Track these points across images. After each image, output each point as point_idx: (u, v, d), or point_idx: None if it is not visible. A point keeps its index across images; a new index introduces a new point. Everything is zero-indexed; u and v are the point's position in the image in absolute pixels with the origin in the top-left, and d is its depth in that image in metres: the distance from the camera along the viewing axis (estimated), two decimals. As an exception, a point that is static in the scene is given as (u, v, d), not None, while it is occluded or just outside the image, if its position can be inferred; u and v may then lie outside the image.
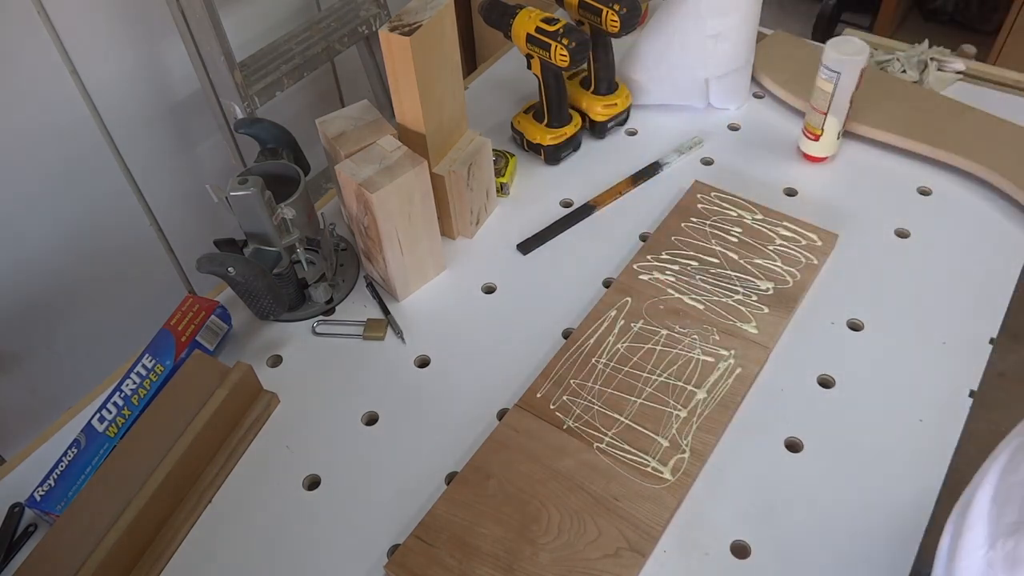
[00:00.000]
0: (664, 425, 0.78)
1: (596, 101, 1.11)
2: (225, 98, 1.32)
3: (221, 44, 1.24)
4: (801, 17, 2.45)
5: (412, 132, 0.91)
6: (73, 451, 0.78)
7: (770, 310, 0.87)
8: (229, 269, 0.83)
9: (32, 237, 1.32)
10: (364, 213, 0.86)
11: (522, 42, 1.01)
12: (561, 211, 1.04)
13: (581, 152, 1.13)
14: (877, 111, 1.07)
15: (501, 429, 0.79)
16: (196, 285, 1.64)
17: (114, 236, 1.44)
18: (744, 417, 0.80)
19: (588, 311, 0.89)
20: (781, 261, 0.92)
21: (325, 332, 0.92)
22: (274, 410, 0.85)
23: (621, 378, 0.82)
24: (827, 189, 1.03)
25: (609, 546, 0.70)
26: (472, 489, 0.75)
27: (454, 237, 1.02)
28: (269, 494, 0.78)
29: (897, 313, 0.88)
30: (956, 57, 1.19)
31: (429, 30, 0.84)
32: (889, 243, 0.96)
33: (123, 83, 1.35)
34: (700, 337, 0.85)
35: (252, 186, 0.82)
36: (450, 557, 0.70)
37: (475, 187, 0.98)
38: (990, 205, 0.99)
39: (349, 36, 1.47)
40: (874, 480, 0.74)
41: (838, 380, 0.83)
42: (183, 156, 1.51)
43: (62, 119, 1.29)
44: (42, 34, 1.21)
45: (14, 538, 0.77)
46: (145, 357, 0.84)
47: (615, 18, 0.99)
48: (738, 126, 1.15)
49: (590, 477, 0.75)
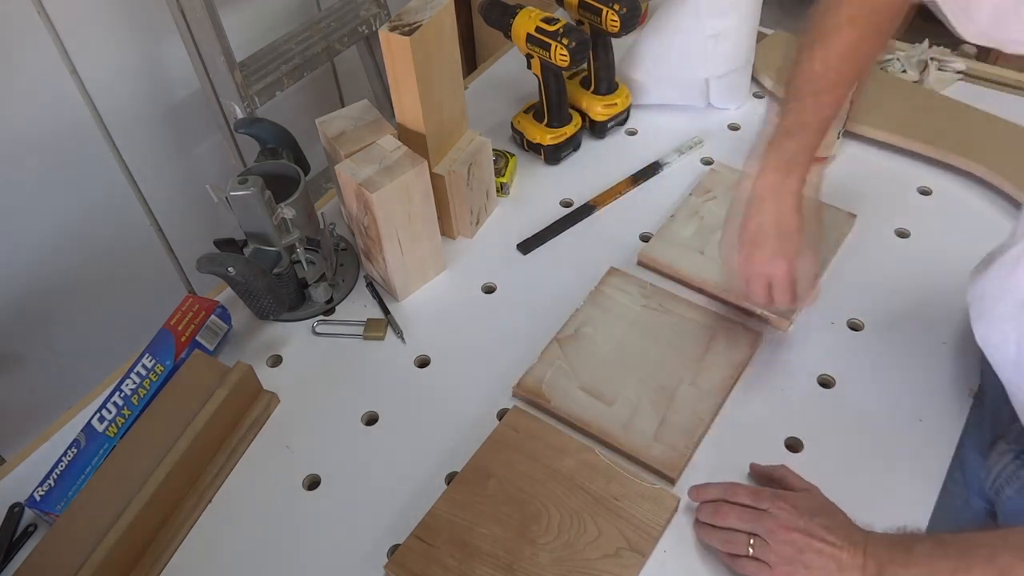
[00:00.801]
0: (664, 424, 0.78)
1: (596, 101, 1.11)
2: (225, 98, 1.32)
3: (221, 44, 1.24)
4: (801, 17, 2.45)
5: (412, 132, 0.91)
6: (73, 451, 0.78)
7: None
8: (229, 269, 0.82)
9: (32, 237, 1.32)
10: (364, 213, 0.86)
11: (522, 42, 1.01)
12: (561, 211, 1.04)
13: (581, 152, 1.13)
14: (877, 111, 1.07)
15: (501, 429, 0.79)
16: (196, 285, 1.64)
17: (114, 236, 1.44)
18: (744, 417, 0.80)
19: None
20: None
21: (325, 332, 0.92)
22: (274, 410, 0.85)
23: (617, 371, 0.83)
24: (827, 189, 1.02)
25: (609, 546, 0.70)
26: (472, 489, 0.75)
27: (454, 237, 1.02)
28: (269, 494, 0.78)
29: (897, 313, 0.88)
30: (956, 57, 1.19)
31: (429, 30, 0.84)
32: (889, 243, 0.96)
33: (123, 83, 1.35)
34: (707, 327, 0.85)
35: (252, 186, 0.82)
36: (450, 557, 0.70)
37: (475, 187, 0.98)
38: (990, 205, 0.99)
39: (349, 36, 1.47)
40: (874, 480, 0.74)
41: (838, 380, 0.83)
42: (183, 156, 1.51)
43: (62, 119, 1.29)
44: (42, 34, 1.21)
45: (14, 538, 0.77)
46: (145, 357, 0.84)
47: (615, 18, 0.99)
48: (738, 126, 1.15)
49: (590, 477, 0.75)
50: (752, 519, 0.66)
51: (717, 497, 0.71)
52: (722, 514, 0.69)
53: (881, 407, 0.80)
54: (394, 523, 0.74)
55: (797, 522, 0.64)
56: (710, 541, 0.70)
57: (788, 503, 0.66)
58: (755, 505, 0.67)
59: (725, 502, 0.69)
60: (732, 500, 0.69)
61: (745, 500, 0.68)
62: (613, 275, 0.93)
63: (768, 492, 0.68)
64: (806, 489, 0.69)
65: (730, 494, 0.70)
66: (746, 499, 0.68)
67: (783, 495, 0.67)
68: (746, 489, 0.70)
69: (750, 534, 0.66)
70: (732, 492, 0.70)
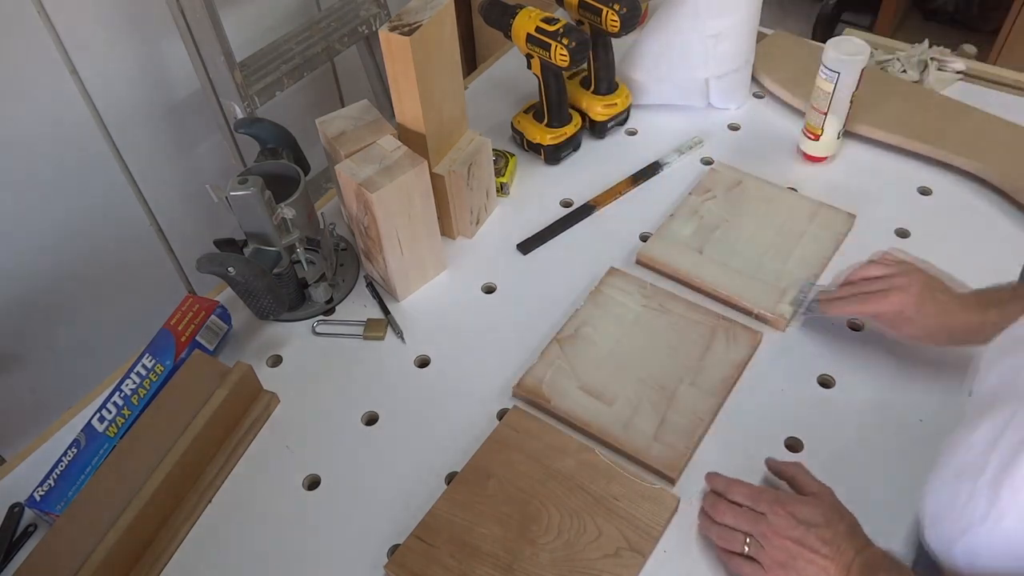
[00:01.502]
0: (664, 424, 0.78)
1: (596, 101, 1.11)
2: (225, 98, 1.32)
3: (221, 44, 1.24)
4: (801, 17, 2.45)
5: (412, 132, 0.91)
6: (73, 451, 0.78)
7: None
8: (229, 269, 0.82)
9: (32, 237, 1.32)
10: (364, 213, 0.86)
11: (522, 42, 1.01)
12: (561, 211, 1.04)
13: (581, 152, 1.13)
14: (877, 111, 1.07)
15: (501, 429, 0.79)
16: (196, 285, 1.64)
17: (114, 236, 1.44)
18: (744, 417, 0.80)
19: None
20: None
21: (325, 332, 0.92)
22: (274, 410, 0.85)
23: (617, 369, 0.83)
24: (827, 189, 1.03)
25: (609, 546, 0.70)
26: (472, 489, 0.75)
27: (454, 237, 1.02)
28: (269, 494, 0.78)
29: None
30: (956, 57, 1.19)
31: (429, 30, 0.84)
32: (889, 243, 0.96)
33: (123, 83, 1.35)
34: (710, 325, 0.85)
35: (252, 186, 0.82)
36: (450, 557, 0.70)
37: (475, 187, 0.98)
38: (990, 205, 0.99)
39: (349, 36, 1.47)
40: (874, 480, 0.74)
41: (838, 380, 0.83)
42: (183, 156, 1.51)
43: (62, 119, 1.29)
44: (42, 34, 1.21)
45: (14, 538, 0.77)
46: (145, 357, 0.84)
47: (615, 18, 0.99)
48: (738, 126, 1.15)
49: (590, 477, 0.75)
50: (748, 521, 0.66)
51: (721, 490, 0.71)
52: (720, 510, 0.69)
53: (881, 407, 0.80)
54: (394, 523, 0.75)
55: (792, 531, 0.64)
56: (708, 534, 0.70)
57: (787, 510, 0.66)
58: (753, 507, 0.67)
59: (724, 499, 0.70)
60: (730, 498, 0.69)
61: (744, 500, 0.68)
62: (613, 275, 0.93)
63: (770, 495, 0.68)
64: (815, 493, 0.68)
65: (730, 492, 0.70)
66: (745, 499, 0.68)
67: (784, 500, 0.67)
68: (746, 488, 0.69)
69: (747, 533, 0.66)
70: (732, 490, 0.70)
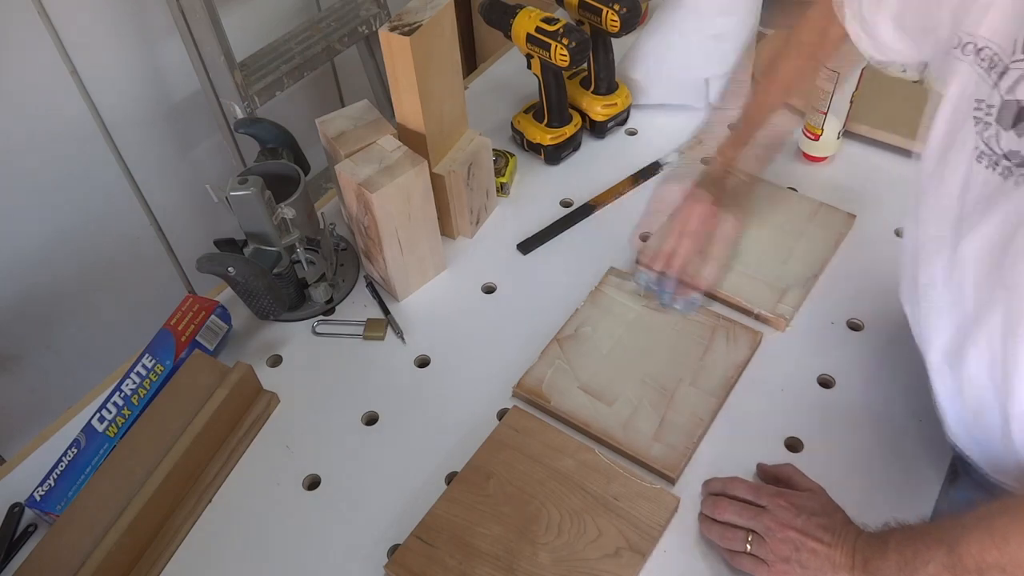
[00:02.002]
0: (664, 424, 0.78)
1: (596, 101, 1.11)
2: (225, 98, 1.32)
3: (221, 44, 1.24)
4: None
5: (412, 132, 0.91)
6: (73, 451, 0.78)
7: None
8: (229, 269, 0.83)
9: (32, 237, 1.32)
10: (364, 213, 0.86)
11: (522, 42, 1.01)
12: (561, 211, 1.04)
13: (581, 152, 1.13)
14: (877, 111, 1.07)
15: (501, 429, 0.79)
16: (196, 285, 1.64)
17: (114, 236, 1.44)
18: (744, 417, 0.80)
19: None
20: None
21: (325, 332, 0.92)
22: (274, 410, 0.85)
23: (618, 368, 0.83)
24: (827, 189, 1.03)
25: (609, 546, 0.70)
26: (472, 489, 0.75)
27: (454, 237, 1.02)
28: (269, 494, 0.78)
29: (897, 313, 0.88)
30: (956, 57, 1.19)
31: (429, 30, 0.84)
32: (889, 243, 0.96)
33: (123, 83, 1.35)
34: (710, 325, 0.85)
35: (252, 186, 0.82)
36: (450, 557, 0.70)
37: (475, 187, 0.98)
38: (990, 205, 0.99)
39: (349, 36, 1.47)
40: (873, 480, 0.74)
41: (838, 380, 0.83)
42: (183, 156, 1.51)
43: (62, 119, 1.29)
44: (42, 34, 1.21)
45: (14, 538, 0.77)
46: (145, 357, 0.84)
47: (615, 18, 0.99)
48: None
49: (590, 477, 0.75)
50: (750, 515, 0.67)
51: (719, 490, 0.71)
52: (721, 508, 0.69)
53: (881, 407, 0.80)
54: (394, 523, 0.75)
55: (795, 521, 0.64)
56: (709, 535, 0.70)
57: (787, 501, 0.66)
58: (755, 501, 0.67)
59: (724, 496, 0.70)
60: (731, 495, 0.69)
61: (744, 495, 0.68)
62: (613, 275, 0.93)
63: (769, 489, 0.68)
64: (810, 489, 0.69)
65: (730, 488, 0.70)
66: (746, 494, 0.68)
67: (784, 493, 0.68)
68: (746, 484, 0.70)
69: (748, 530, 0.66)
70: (732, 486, 0.70)
